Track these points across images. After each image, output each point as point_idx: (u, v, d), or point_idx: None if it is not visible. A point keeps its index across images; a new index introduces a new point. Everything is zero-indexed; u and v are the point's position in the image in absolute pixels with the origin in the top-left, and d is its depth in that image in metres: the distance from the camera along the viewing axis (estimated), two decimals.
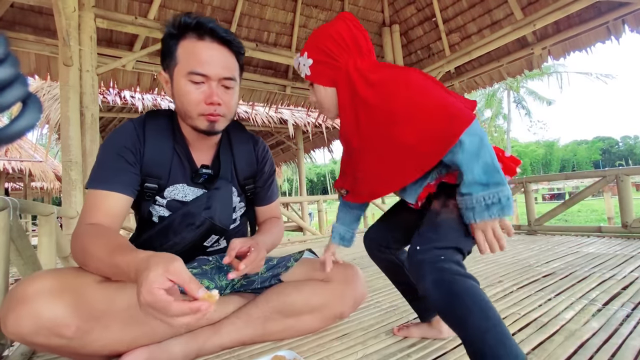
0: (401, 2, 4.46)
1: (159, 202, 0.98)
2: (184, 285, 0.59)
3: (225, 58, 0.91)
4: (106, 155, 0.91)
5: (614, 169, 2.77)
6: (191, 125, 0.93)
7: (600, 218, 9.70)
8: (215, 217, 0.98)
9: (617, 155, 59.96)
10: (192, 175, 0.99)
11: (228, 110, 0.93)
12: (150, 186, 0.95)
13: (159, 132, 0.96)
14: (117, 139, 0.92)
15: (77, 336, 0.73)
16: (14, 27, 2.81)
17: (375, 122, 0.79)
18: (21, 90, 0.32)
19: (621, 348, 0.83)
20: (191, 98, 0.88)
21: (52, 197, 13.38)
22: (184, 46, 0.88)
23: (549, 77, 19.99)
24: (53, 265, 1.56)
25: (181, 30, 0.89)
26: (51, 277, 0.75)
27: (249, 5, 3.76)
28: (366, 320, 1.12)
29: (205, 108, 0.89)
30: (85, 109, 2.48)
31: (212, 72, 0.88)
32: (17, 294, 0.71)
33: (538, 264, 1.79)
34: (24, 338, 0.71)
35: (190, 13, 0.90)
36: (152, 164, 0.94)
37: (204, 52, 0.88)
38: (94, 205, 0.87)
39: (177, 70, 0.89)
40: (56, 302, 0.71)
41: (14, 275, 3.21)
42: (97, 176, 0.90)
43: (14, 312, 0.69)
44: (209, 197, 0.98)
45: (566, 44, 3.48)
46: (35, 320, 0.69)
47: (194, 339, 0.90)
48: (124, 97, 5.09)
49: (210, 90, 0.88)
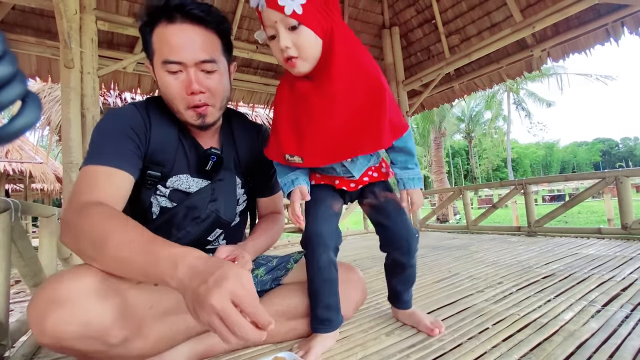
0: (401, 4, 4.48)
1: (160, 191, 0.91)
2: (247, 312, 0.50)
3: (201, 38, 0.80)
4: (108, 131, 0.81)
5: (614, 171, 2.77)
6: (182, 120, 0.87)
7: (600, 219, 9.69)
8: (221, 210, 0.94)
9: (617, 157, 59.94)
10: (200, 158, 0.92)
11: (214, 96, 0.85)
12: (153, 174, 0.88)
13: (164, 117, 0.90)
14: (122, 117, 0.84)
15: (122, 344, 0.66)
16: (15, 29, 2.82)
17: (359, 84, 0.81)
18: (20, 88, 0.31)
19: (620, 348, 0.83)
20: (171, 90, 0.81)
21: (53, 199, 13.39)
22: (157, 33, 0.80)
23: (548, 79, 20.00)
24: (54, 266, 1.57)
25: (152, 16, 0.80)
26: (94, 275, 0.64)
27: (249, 8, 3.77)
28: (366, 322, 1.12)
29: (187, 99, 0.81)
30: (86, 111, 2.49)
31: (186, 57, 0.78)
32: (56, 294, 0.60)
33: (538, 266, 1.79)
34: (62, 343, 0.61)
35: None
36: (158, 150, 0.87)
37: (174, 37, 0.78)
38: (94, 181, 0.74)
39: (155, 62, 0.82)
40: (105, 308, 0.63)
41: (14, 276, 3.21)
42: (97, 152, 0.78)
43: (55, 315, 0.59)
44: (213, 189, 0.94)
45: (565, 46, 3.49)
46: (81, 327, 0.60)
47: (201, 344, 0.88)
48: (124, 99, 5.10)
49: (188, 78, 0.80)
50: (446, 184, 13.36)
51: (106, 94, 4.90)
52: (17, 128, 0.31)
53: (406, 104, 4.72)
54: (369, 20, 4.58)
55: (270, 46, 0.82)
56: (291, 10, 0.73)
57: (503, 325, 1.02)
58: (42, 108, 1.34)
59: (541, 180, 3.44)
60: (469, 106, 26.28)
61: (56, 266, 1.61)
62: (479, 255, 2.22)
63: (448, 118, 14.90)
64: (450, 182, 29.63)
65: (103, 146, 0.79)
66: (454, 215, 13.51)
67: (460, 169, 42.58)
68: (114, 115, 0.85)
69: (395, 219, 0.97)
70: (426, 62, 4.67)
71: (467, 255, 2.28)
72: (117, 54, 3.19)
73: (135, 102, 0.89)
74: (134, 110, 0.86)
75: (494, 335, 0.95)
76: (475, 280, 1.57)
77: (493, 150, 37.14)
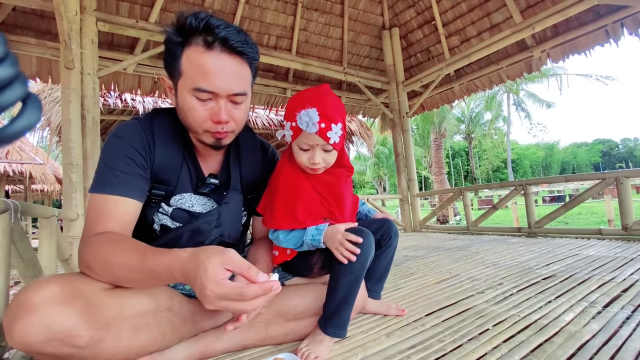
0: (401, 6, 4.49)
1: (163, 209, 0.92)
2: (242, 273, 0.59)
3: (237, 71, 0.80)
4: (113, 155, 0.82)
5: (614, 172, 2.77)
6: (196, 138, 0.87)
7: (601, 220, 9.68)
8: (225, 234, 0.95)
9: (617, 158, 59.98)
10: (198, 184, 0.93)
11: (237, 125, 0.87)
12: (157, 192, 0.89)
13: (168, 135, 0.89)
14: (124, 138, 0.84)
15: (90, 345, 0.69)
16: (16, 30, 2.83)
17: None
18: (21, 89, 0.31)
19: (621, 350, 0.83)
20: (197, 115, 0.80)
21: (53, 200, 13.39)
22: (189, 56, 0.77)
23: (548, 80, 20.02)
24: (54, 268, 1.57)
25: (185, 34, 0.78)
26: (59, 283, 0.69)
27: (249, 9, 3.78)
28: (366, 323, 1.12)
29: (211, 126, 0.81)
30: (87, 112, 2.50)
31: (221, 89, 0.78)
32: (23, 302, 0.65)
33: (538, 267, 1.79)
34: (31, 347, 0.65)
35: (198, 13, 0.76)
36: (162, 169, 0.88)
37: (211, 66, 0.76)
38: (104, 212, 0.79)
39: (181, 83, 0.80)
40: (67, 310, 0.66)
41: (14, 277, 3.20)
42: (104, 179, 0.81)
43: (21, 321, 0.63)
44: (220, 214, 0.94)
45: (565, 46, 3.50)
46: (45, 329, 0.64)
47: (196, 345, 0.88)
48: (124, 100, 5.10)
49: (218, 108, 0.79)
50: (446, 185, 13.37)
51: (106, 94, 4.90)
52: (18, 129, 0.31)
53: (406, 105, 4.72)
54: (369, 22, 4.58)
55: (297, 151, 0.97)
56: (333, 141, 0.92)
57: (504, 326, 1.02)
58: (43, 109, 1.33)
59: (541, 181, 3.44)
60: (469, 107, 26.30)
61: (56, 267, 1.61)
62: (480, 256, 2.22)
63: (448, 119, 14.90)
64: (450, 183, 29.64)
65: (109, 173, 0.81)
66: (454, 216, 13.51)
67: (460, 170, 42.59)
68: (117, 137, 0.84)
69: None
70: (426, 63, 4.67)
71: (468, 256, 2.28)
72: (118, 55, 3.20)
73: (139, 118, 0.88)
74: (138, 129, 0.86)
75: (495, 336, 0.95)
76: (475, 282, 1.57)
77: (493, 151, 37.17)
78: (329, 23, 4.34)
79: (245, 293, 0.57)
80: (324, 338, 0.92)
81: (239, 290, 0.57)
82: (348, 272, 0.92)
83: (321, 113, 0.88)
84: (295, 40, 4.13)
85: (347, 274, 0.92)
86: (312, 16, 4.20)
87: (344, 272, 0.92)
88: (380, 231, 1.11)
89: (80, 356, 0.69)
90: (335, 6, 4.27)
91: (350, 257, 0.90)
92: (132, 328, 0.76)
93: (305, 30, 4.23)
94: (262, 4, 3.84)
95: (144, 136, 0.86)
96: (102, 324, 0.71)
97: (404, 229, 4.62)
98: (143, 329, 0.78)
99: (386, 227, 1.12)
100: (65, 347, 0.66)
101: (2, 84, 0.30)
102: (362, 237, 0.91)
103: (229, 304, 0.58)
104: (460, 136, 31.01)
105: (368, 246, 0.92)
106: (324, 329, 0.93)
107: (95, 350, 0.70)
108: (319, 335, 0.93)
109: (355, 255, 0.90)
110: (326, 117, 0.89)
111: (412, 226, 4.61)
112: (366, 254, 0.92)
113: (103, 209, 0.79)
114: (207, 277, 0.57)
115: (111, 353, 0.73)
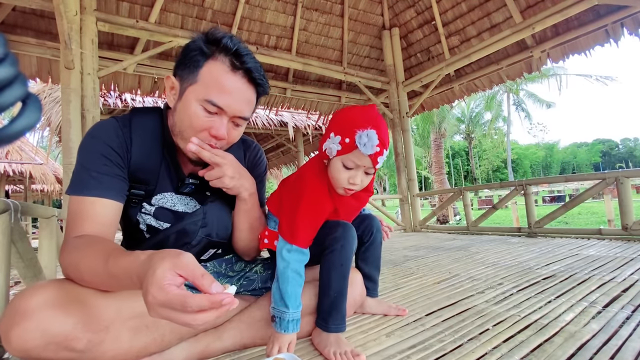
0: (401, 5, 4.49)
1: (145, 209, 0.91)
2: (194, 280, 0.52)
3: (249, 98, 0.85)
4: (89, 155, 0.81)
5: (614, 172, 2.77)
6: (180, 146, 0.87)
7: (601, 220, 9.69)
8: (213, 234, 0.94)
9: (617, 158, 59.99)
10: (179, 183, 0.93)
11: (228, 145, 0.89)
12: (137, 192, 0.88)
13: (147, 134, 0.88)
14: (100, 137, 0.83)
15: (88, 348, 0.68)
16: (15, 30, 2.83)
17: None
18: (21, 89, 0.31)
19: (621, 349, 0.83)
20: (196, 123, 0.81)
21: (53, 200, 13.39)
22: (211, 69, 0.80)
23: (548, 80, 20.02)
24: (54, 268, 1.57)
25: (215, 49, 0.81)
26: (54, 288, 0.69)
27: (249, 9, 3.78)
28: (366, 323, 1.12)
29: (205, 136, 0.82)
30: (87, 112, 2.50)
31: (231, 108, 0.81)
32: (19, 307, 0.64)
33: (538, 267, 1.79)
34: (29, 353, 0.64)
35: (232, 37, 0.82)
36: (140, 169, 0.87)
37: (230, 85, 0.80)
38: (80, 214, 0.78)
39: (192, 89, 0.81)
40: (64, 315, 0.66)
41: (14, 277, 3.21)
42: (80, 180, 0.79)
43: (18, 326, 0.63)
44: (205, 213, 0.92)
45: (565, 46, 3.50)
46: (42, 334, 0.63)
47: (196, 345, 0.88)
48: (124, 100, 5.11)
49: (220, 124, 0.82)
50: (446, 185, 13.37)
51: (106, 94, 4.90)
52: (18, 129, 0.31)
53: (406, 105, 4.72)
54: (369, 22, 4.58)
55: (338, 167, 0.93)
56: (378, 166, 0.93)
57: (504, 326, 1.02)
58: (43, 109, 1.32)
59: (541, 181, 3.43)
60: (469, 107, 26.30)
61: (56, 267, 1.61)
62: (480, 256, 2.22)
63: (448, 119, 14.91)
64: (450, 183, 29.65)
65: (85, 174, 0.80)
66: (454, 216, 13.51)
67: (460, 170, 42.59)
68: (92, 136, 0.84)
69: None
70: (426, 63, 4.67)
71: (468, 256, 2.28)
72: (118, 55, 3.20)
73: (117, 117, 0.88)
74: (115, 127, 0.85)
75: (495, 336, 0.95)
76: (475, 281, 1.57)
77: (493, 151, 37.17)
78: (329, 23, 4.34)
79: (188, 303, 0.49)
80: (329, 335, 0.93)
81: (181, 300, 0.49)
82: (338, 265, 0.94)
83: (379, 137, 0.88)
84: (295, 40, 4.13)
85: (338, 267, 0.94)
86: (312, 16, 4.20)
87: (334, 265, 0.94)
88: (361, 227, 1.13)
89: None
90: (335, 6, 4.27)
91: None
92: (131, 330, 0.76)
93: (305, 30, 4.23)
94: (262, 4, 3.84)
95: (121, 134, 0.85)
96: (100, 326, 0.70)
97: (404, 229, 4.62)
98: (142, 330, 0.78)
99: (367, 223, 1.14)
100: (63, 351, 0.66)
101: (2, 84, 0.30)
102: (342, 228, 0.96)
103: (170, 314, 0.50)
104: (460, 136, 31.02)
105: (351, 239, 0.96)
106: (325, 328, 0.94)
107: (95, 353, 0.70)
108: (330, 337, 0.92)
109: (340, 246, 0.94)
110: (382, 142, 0.89)
111: (412, 226, 4.61)
112: (350, 246, 0.96)
113: (80, 211, 0.78)
114: (152, 280, 0.51)
115: (111, 356, 0.73)
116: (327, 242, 0.95)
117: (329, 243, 0.95)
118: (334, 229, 0.96)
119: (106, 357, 0.72)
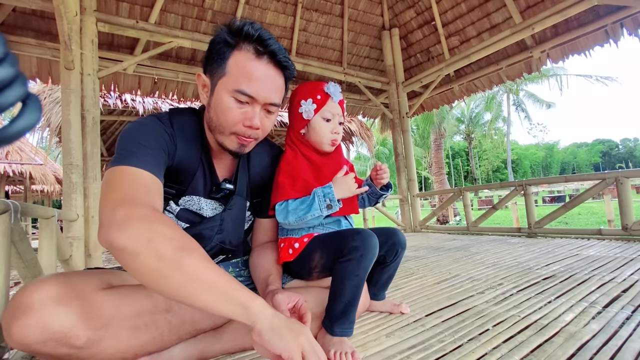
0: (401, 6, 4.49)
1: (170, 207, 0.92)
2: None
3: (277, 83, 0.85)
4: (143, 135, 0.79)
5: (614, 172, 2.77)
6: (219, 140, 0.88)
7: (601, 221, 9.68)
8: (227, 241, 0.95)
9: (617, 158, 60.01)
10: (213, 188, 0.93)
11: (262, 134, 0.89)
12: (168, 190, 0.88)
13: (189, 136, 0.89)
14: (152, 127, 0.82)
15: (87, 345, 0.69)
16: (16, 31, 2.83)
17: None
18: (21, 90, 0.31)
19: (621, 350, 0.83)
20: (231, 116, 0.82)
21: (53, 200, 13.39)
22: (237, 59, 0.81)
23: (548, 80, 20.03)
24: (54, 268, 1.56)
25: (239, 39, 0.81)
26: (57, 283, 0.68)
27: (249, 9, 3.78)
28: (366, 324, 1.12)
29: (241, 129, 0.84)
30: (87, 112, 2.50)
31: (261, 96, 0.82)
32: (21, 302, 0.65)
33: (538, 267, 1.79)
34: (29, 348, 0.65)
35: (253, 23, 0.82)
36: (180, 170, 0.87)
37: (257, 73, 0.81)
38: (142, 185, 0.72)
39: (222, 82, 0.82)
40: (64, 311, 0.66)
41: (14, 278, 3.20)
42: (139, 153, 0.75)
43: (18, 321, 0.64)
44: (222, 220, 0.94)
45: (565, 47, 3.50)
46: (42, 330, 0.64)
47: (195, 346, 0.88)
48: (124, 101, 5.10)
49: (253, 113, 0.83)
50: (446, 185, 13.36)
51: (106, 95, 4.90)
52: (18, 130, 0.31)
53: (406, 105, 4.73)
54: (369, 22, 4.59)
55: (320, 123, 1.05)
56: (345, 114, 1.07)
57: (504, 326, 1.02)
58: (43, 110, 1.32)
59: (541, 181, 3.43)
60: (469, 107, 26.32)
61: (56, 268, 1.61)
62: (480, 257, 2.22)
63: (448, 119, 14.91)
64: (450, 183, 29.64)
65: (143, 149, 0.77)
66: (454, 217, 13.51)
67: (460, 170, 42.60)
68: (143, 124, 0.82)
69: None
70: (426, 63, 4.68)
71: (468, 256, 2.28)
72: (118, 56, 3.20)
73: (158, 116, 0.86)
74: (162, 126, 0.84)
75: (495, 336, 0.95)
76: (475, 282, 1.57)
77: (493, 151, 37.19)
78: (328, 23, 4.34)
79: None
80: (333, 337, 0.92)
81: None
82: (354, 276, 0.90)
83: None
84: (295, 41, 4.13)
85: (353, 277, 0.90)
86: (312, 17, 4.20)
87: (349, 275, 0.90)
88: (385, 246, 1.06)
89: (78, 356, 0.69)
90: (335, 7, 4.27)
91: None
92: (130, 328, 0.76)
93: (305, 30, 4.24)
94: (262, 5, 3.85)
95: (167, 134, 0.84)
96: (99, 324, 0.70)
97: (404, 229, 4.62)
98: (141, 329, 0.78)
99: (392, 243, 1.07)
100: (62, 347, 0.66)
101: (2, 84, 0.30)
102: (366, 237, 0.91)
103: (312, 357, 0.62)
104: (460, 136, 31.04)
105: (372, 249, 0.91)
106: (331, 331, 0.92)
107: (93, 350, 0.70)
108: (334, 339, 0.91)
109: (360, 256, 0.89)
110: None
111: (412, 226, 4.61)
112: (370, 257, 0.91)
113: (139, 181, 0.72)
114: (315, 344, 0.64)
115: (109, 353, 0.73)
116: (346, 250, 0.91)
117: (347, 251, 0.90)
118: (353, 236, 0.92)
119: (105, 355, 0.72)
